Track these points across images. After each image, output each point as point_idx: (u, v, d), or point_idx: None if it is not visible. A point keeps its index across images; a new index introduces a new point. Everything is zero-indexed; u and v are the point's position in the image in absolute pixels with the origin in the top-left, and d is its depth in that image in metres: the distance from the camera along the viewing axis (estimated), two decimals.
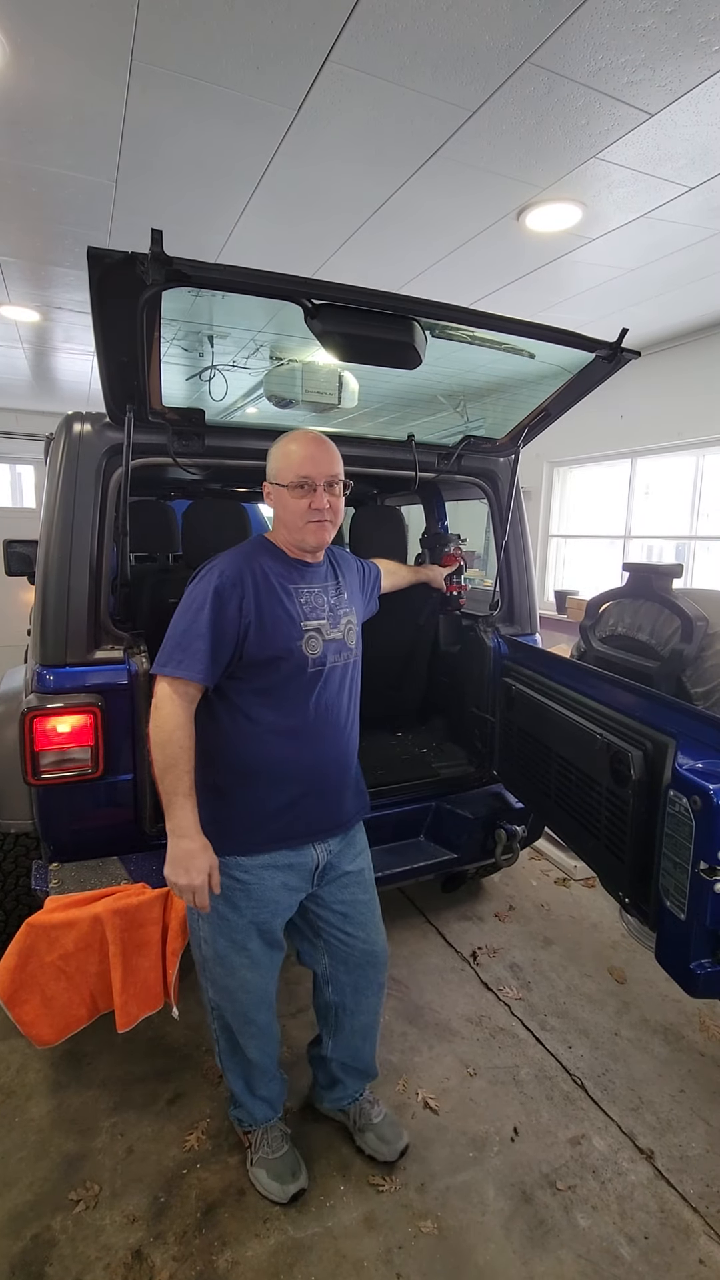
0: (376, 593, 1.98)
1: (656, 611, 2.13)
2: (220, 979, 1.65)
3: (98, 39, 1.95)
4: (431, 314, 1.63)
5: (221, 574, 1.51)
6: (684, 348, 4.77)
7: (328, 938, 1.77)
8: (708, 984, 1.42)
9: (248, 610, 1.50)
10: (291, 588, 1.58)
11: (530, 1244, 1.64)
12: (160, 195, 2.86)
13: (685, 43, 1.91)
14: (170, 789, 1.47)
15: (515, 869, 3.35)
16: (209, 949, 1.63)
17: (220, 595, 1.48)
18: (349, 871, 1.74)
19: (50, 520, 2.00)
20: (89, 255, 1.34)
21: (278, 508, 1.60)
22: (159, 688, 1.49)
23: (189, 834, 1.48)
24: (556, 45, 1.93)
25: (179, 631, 1.49)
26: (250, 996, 1.67)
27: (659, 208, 2.86)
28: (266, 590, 1.54)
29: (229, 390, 2.62)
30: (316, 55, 1.99)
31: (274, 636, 1.52)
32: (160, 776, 1.48)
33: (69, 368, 5.86)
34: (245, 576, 1.52)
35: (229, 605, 1.49)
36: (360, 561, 1.92)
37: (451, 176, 2.64)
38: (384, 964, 1.83)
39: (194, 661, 1.46)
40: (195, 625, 1.47)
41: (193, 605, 1.50)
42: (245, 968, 1.64)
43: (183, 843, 1.47)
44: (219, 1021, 1.72)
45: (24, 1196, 1.73)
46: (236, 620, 1.49)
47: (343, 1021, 1.82)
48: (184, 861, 1.47)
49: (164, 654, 1.49)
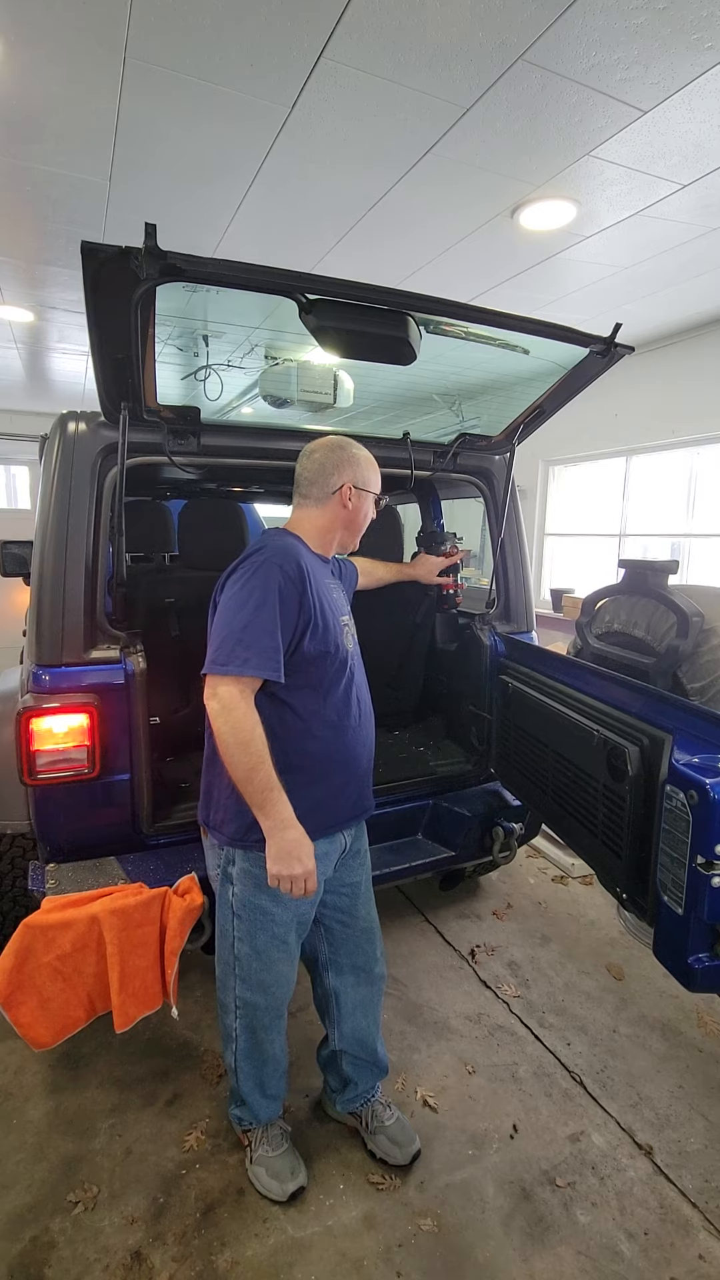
0: (352, 590, 2.00)
1: (652, 608, 2.14)
2: (256, 974, 1.64)
3: (90, 37, 1.95)
4: (426, 309, 1.63)
5: (282, 568, 1.48)
6: (678, 345, 4.78)
7: (330, 923, 1.78)
8: (706, 979, 1.42)
9: (308, 606, 1.50)
10: (328, 583, 1.64)
11: (530, 1241, 1.64)
12: (154, 194, 2.86)
13: (678, 39, 1.91)
14: (263, 786, 1.42)
15: (513, 867, 3.35)
16: (245, 946, 1.62)
17: (284, 591, 1.46)
18: (357, 852, 1.78)
19: (45, 520, 1.99)
20: (83, 250, 1.34)
21: (354, 512, 1.67)
22: (223, 689, 1.41)
23: (292, 824, 1.46)
24: (549, 42, 1.93)
25: (239, 628, 1.43)
26: (284, 990, 1.68)
27: (652, 205, 2.87)
28: (319, 585, 1.56)
29: (224, 390, 2.61)
30: (310, 52, 1.99)
31: (326, 632, 1.55)
32: (247, 778, 1.42)
33: (63, 368, 5.84)
34: (304, 570, 1.51)
35: (291, 600, 1.47)
36: (339, 560, 1.94)
37: (446, 174, 2.64)
38: (380, 935, 1.87)
39: (264, 658, 1.42)
40: (259, 620, 1.43)
41: (250, 599, 1.44)
42: (283, 961, 1.64)
43: (290, 833, 1.45)
44: (244, 1021, 1.69)
45: (22, 1198, 1.72)
46: (297, 615, 1.48)
47: (344, 1003, 1.82)
48: (295, 851, 1.45)
49: (224, 652, 1.42)
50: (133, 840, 2.09)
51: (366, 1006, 1.84)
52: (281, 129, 2.37)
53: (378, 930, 1.87)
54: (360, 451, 1.68)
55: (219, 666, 1.42)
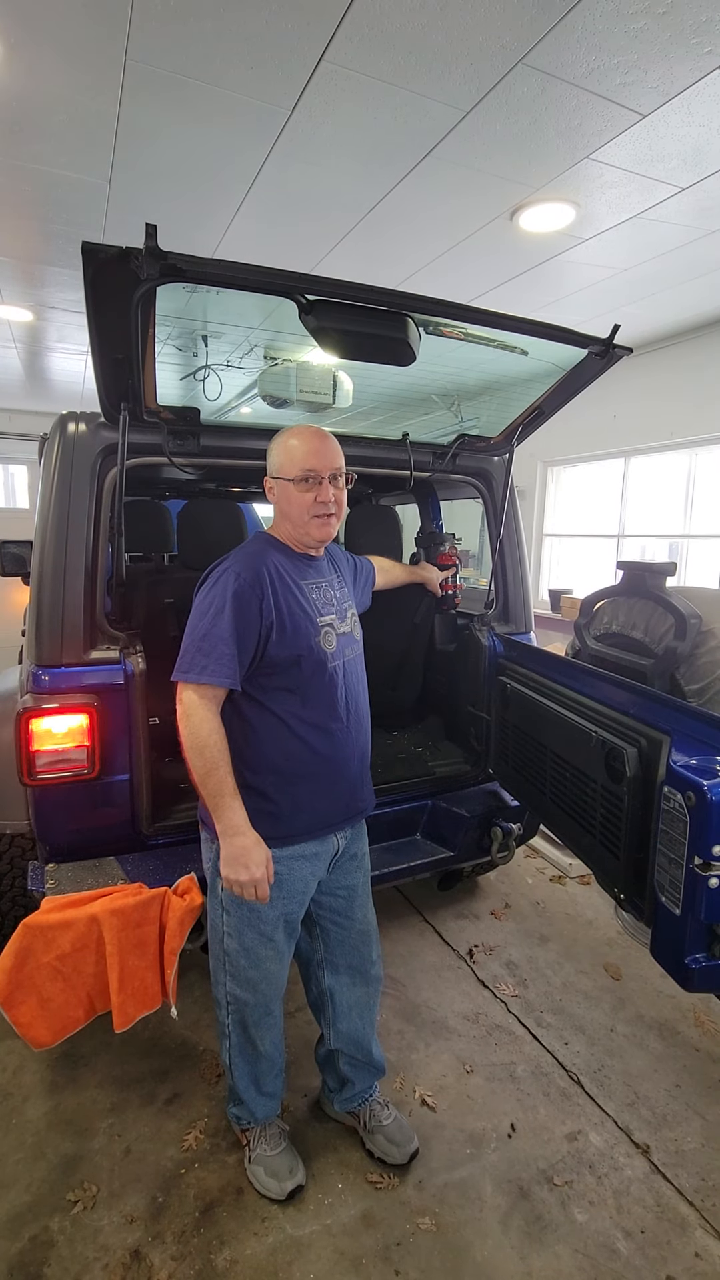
0: (369, 588, 2.00)
1: (650, 609, 2.14)
2: (244, 972, 1.65)
3: (91, 39, 1.95)
4: (425, 310, 1.63)
5: (239, 575, 1.49)
6: (676, 347, 4.79)
7: (325, 924, 1.78)
8: (703, 979, 1.42)
9: (268, 611, 1.49)
10: (304, 583, 1.60)
11: (528, 1239, 1.65)
12: (154, 195, 2.86)
13: (677, 44, 1.92)
14: (215, 792, 1.47)
15: (511, 867, 3.36)
16: (233, 943, 1.63)
17: (241, 597, 1.47)
18: (355, 855, 1.77)
19: (45, 520, 1.99)
20: (83, 250, 1.34)
21: (282, 503, 1.60)
22: (185, 695, 1.47)
23: (242, 830, 1.48)
24: (550, 46, 1.94)
25: (199, 636, 1.47)
26: (272, 988, 1.69)
27: (651, 208, 2.88)
28: (284, 589, 1.54)
29: (223, 390, 2.62)
30: (311, 55, 1.99)
31: (295, 635, 1.53)
32: (202, 782, 1.47)
33: (63, 368, 5.84)
34: (263, 576, 1.51)
35: (250, 607, 1.47)
36: (354, 557, 1.93)
37: (445, 176, 2.65)
38: (377, 937, 1.87)
39: (220, 666, 1.44)
40: (217, 629, 1.45)
41: (211, 608, 1.47)
42: (271, 959, 1.65)
43: (237, 840, 1.48)
44: (235, 1016, 1.71)
45: (22, 1198, 1.72)
46: (258, 621, 1.48)
47: (338, 1004, 1.83)
48: (241, 858, 1.47)
49: (185, 660, 1.47)
50: (132, 840, 2.09)
51: (362, 1008, 1.85)
52: (282, 131, 2.37)
53: (375, 932, 1.87)
54: (281, 438, 1.60)
55: (181, 674, 1.47)
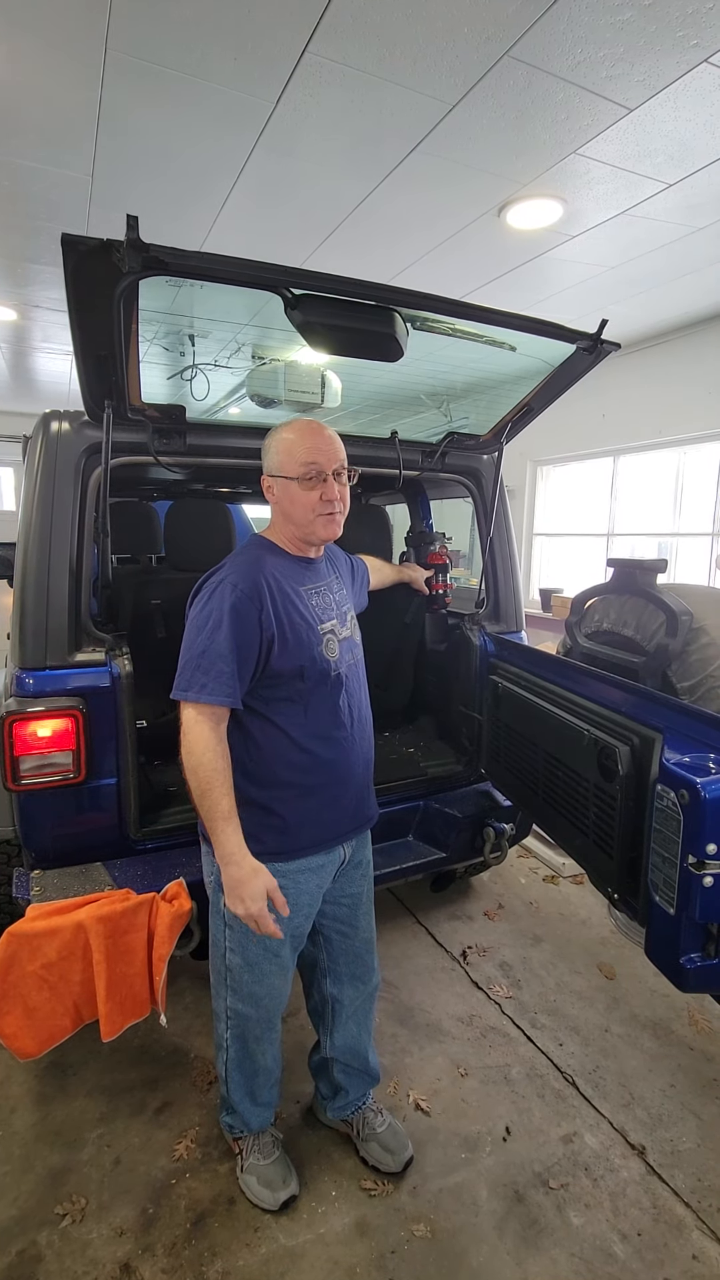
0: (365, 588, 1.97)
1: (641, 606, 2.13)
2: (247, 986, 1.61)
3: (70, 28, 1.92)
4: (412, 304, 1.61)
5: (236, 587, 1.42)
6: (664, 345, 4.80)
7: (329, 932, 1.76)
8: (698, 978, 1.41)
9: (269, 623, 1.43)
10: (302, 590, 1.53)
11: (524, 1244, 1.63)
12: (137, 190, 2.83)
13: (663, 37, 1.91)
14: (208, 814, 1.40)
15: (504, 867, 3.35)
16: (236, 957, 1.59)
17: (239, 610, 1.40)
18: (359, 863, 1.75)
19: (28, 520, 1.96)
20: (63, 242, 1.31)
21: (283, 502, 1.52)
22: (185, 713, 1.41)
23: (235, 859, 1.40)
24: (535, 38, 1.92)
25: (197, 653, 1.40)
26: (275, 1002, 1.65)
27: (638, 204, 2.88)
28: (283, 598, 1.47)
29: (211, 390, 2.59)
30: (294, 46, 1.97)
31: (297, 646, 1.46)
32: (197, 802, 1.41)
33: (47, 368, 5.79)
34: (261, 586, 1.44)
35: (249, 620, 1.40)
36: (349, 556, 1.89)
37: (432, 171, 2.63)
38: (375, 947, 1.85)
39: (219, 684, 1.38)
40: (215, 645, 1.39)
41: (208, 623, 1.40)
42: (275, 974, 1.61)
43: (231, 870, 1.40)
44: (235, 1031, 1.67)
45: (8, 1212, 1.68)
46: (258, 635, 1.42)
47: (340, 1012, 1.80)
48: (237, 890, 1.39)
49: (184, 678, 1.40)
50: (120, 845, 2.06)
51: (361, 1015, 1.83)
52: (266, 124, 2.35)
53: (374, 940, 1.85)
54: (277, 433, 1.53)
55: (180, 692, 1.41)
